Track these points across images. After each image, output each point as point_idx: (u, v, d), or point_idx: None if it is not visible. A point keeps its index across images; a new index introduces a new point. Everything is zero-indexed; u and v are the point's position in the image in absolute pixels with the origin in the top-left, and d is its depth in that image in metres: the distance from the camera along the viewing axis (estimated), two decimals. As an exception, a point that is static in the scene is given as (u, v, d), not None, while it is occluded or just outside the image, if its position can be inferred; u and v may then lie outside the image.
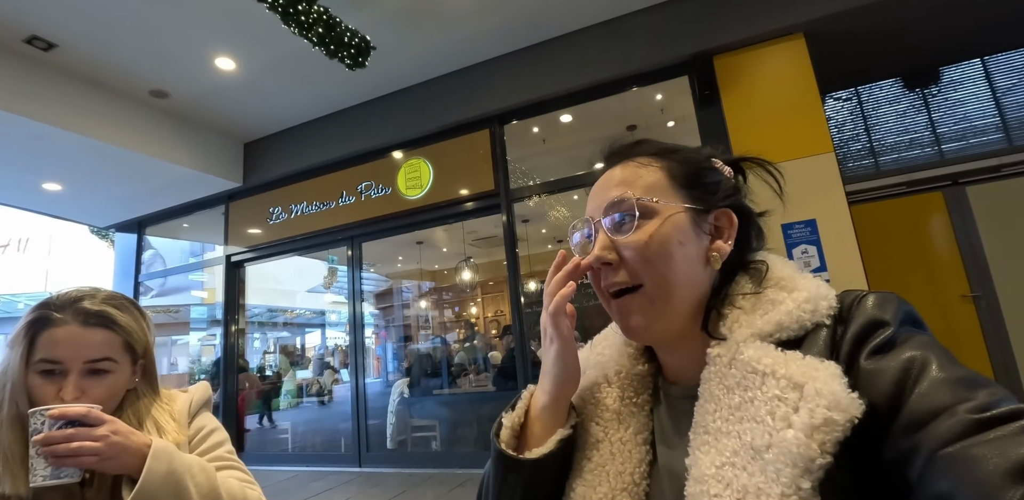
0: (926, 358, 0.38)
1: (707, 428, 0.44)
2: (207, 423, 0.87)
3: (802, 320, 0.44)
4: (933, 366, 0.38)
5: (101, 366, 0.74)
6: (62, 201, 5.33)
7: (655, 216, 0.50)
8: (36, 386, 0.71)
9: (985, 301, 3.78)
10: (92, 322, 0.74)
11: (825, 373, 0.38)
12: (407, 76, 4.33)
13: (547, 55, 3.97)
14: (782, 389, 0.39)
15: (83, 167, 4.53)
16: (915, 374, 0.38)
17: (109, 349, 0.75)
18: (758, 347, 0.44)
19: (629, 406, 0.55)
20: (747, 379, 0.42)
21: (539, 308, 2.74)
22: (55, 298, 0.76)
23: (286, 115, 4.81)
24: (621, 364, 0.58)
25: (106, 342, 0.75)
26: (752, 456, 0.39)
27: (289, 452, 5.25)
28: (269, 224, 5.19)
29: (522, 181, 4.30)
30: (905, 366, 0.38)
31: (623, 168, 0.55)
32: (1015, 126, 3.92)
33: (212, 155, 4.92)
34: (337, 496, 3.65)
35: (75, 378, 0.71)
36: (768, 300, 0.48)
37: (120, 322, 0.77)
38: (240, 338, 5.38)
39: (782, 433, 0.37)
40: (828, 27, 3.27)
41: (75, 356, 0.72)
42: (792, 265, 0.52)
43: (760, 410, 0.40)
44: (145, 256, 6.05)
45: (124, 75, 3.98)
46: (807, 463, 0.35)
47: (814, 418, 0.36)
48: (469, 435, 4.77)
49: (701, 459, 0.43)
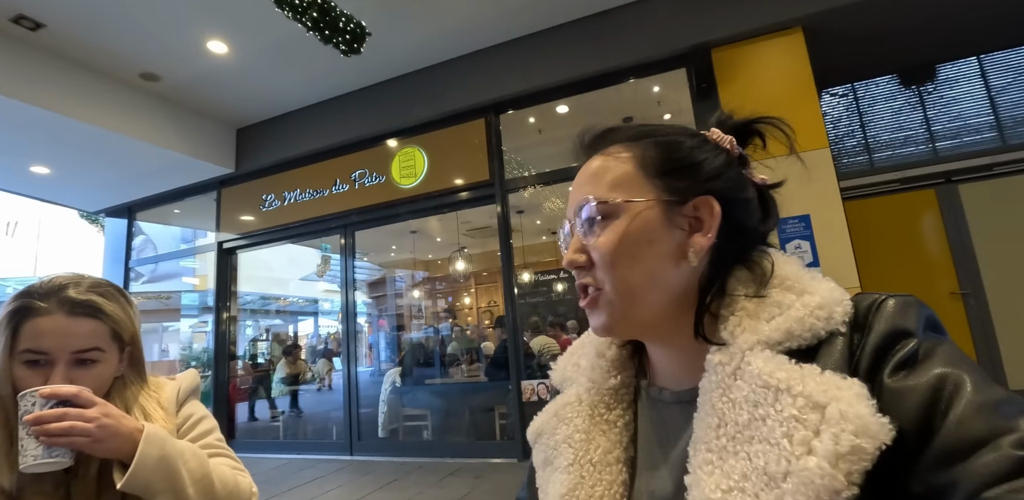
0: (959, 378, 0.35)
1: (710, 446, 0.40)
2: (195, 411, 0.86)
3: (815, 329, 0.40)
4: (967, 387, 0.34)
5: (89, 356, 0.72)
6: (51, 185, 5.26)
7: (622, 215, 0.47)
8: (21, 377, 0.69)
9: (973, 298, 3.83)
10: (78, 312, 0.72)
11: (850, 393, 0.34)
12: (403, 63, 4.28)
13: (544, 44, 3.93)
14: (799, 409, 0.35)
15: (72, 150, 4.46)
16: (948, 396, 0.34)
17: (96, 339, 0.73)
18: (768, 358, 0.39)
19: (600, 424, 0.53)
20: (757, 394, 0.38)
21: (532, 299, 2.79)
22: (38, 286, 0.73)
23: (279, 101, 4.75)
24: (593, 379, 0.55)
25: (93, 332, 0.73)
26: (766, 483, 0.35)
27: (280, 440, 5.27)
28: (262, 211, 5.15)
29: (517, 172, 4.29)
30: (936, 385, 0.35)
31: (595, 161, 0.51)
32: (1009, 125, 3.94)
33: (204, 140, 4.85)
34: (328, 484, 3.67)
35: (62, 369, 0.70)
36: (774, 302, 0.43)
37: (107, 311, 0.75)
38: (232, 325, 5.37)
39: (802, 460, 0.33)
40: (827, 22, 3.27)
41: (62, 347, 0.70)
42: (797, 262, 0.47)
43: (775, 431, 0.36)
44: (136, 242, 5.99)
45: (114, 57, 3.90)
46: (831, 495, 0.32)
47: (839, 445, 0.32)
48: (461, 425, 4.80)
49: (704, 481, 0.39)
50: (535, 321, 4.96)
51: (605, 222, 0.47)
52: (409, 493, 3.27)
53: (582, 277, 0.50)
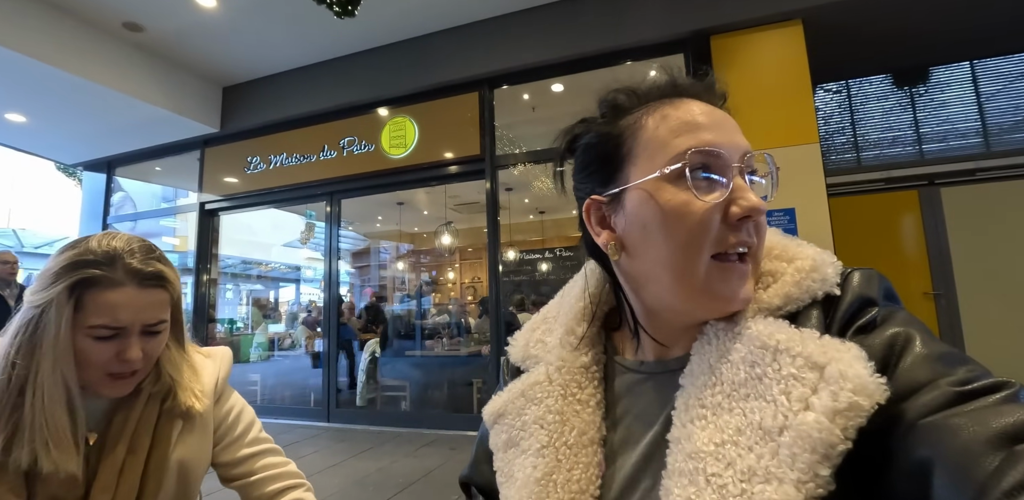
0: (909, 334, 0.38)
1: (704, 402, 0.41)
2: (234, 403, 0.88)
3: (812, 290, 0.42)
4: (916, 342, 0.38)
5: (158, 328, 0.71)
6: (26, 134, 5.06)
7: None
8: (87, 349, 0.66)
9: (945, 299, 3.96)
10: (149, 284, 0.69)
11: (848, 355, 0.35)
12: (398, 30, 4.15)
13: (544, 20, 3.84)
14: (798, 368, 0.36)
15: (50, 99, 4.28)
16: (899, 350, 0.38)
17: (164, 310, 0.72)
18: (768, 323, 0.41)
19: (573, 404, 0.51)
20: (755, 354, 0.39)
21: (516, 277, 2.80)
22: (92, 252, 0.67)
23: (269, 60, 4.59)
24: (563, 358, 0.53)
25: (163, 303, 0.71)
26: (761, 437, 0.36)
27: (258, 403, 5.31)
28: (246, 173, 5.04)
29: (508, 148, 4.25)
30: (890, 342, 0.38)
31: (732, 118, 0.48)
32: (995, 132, 4.01)
33: (188, 96, 4.69)
34: (304, 449, 3.73)
35: (136, 339, 0.68)
36: (766, 272, 0.45)
37: (171, 279, 0.72)
38: (212, 288, 5.32)
39: (801, 415, 0.35)
40: (827, 16, 3.25)
41: (136, 320, 0.68)
42: (777, 231, 0.49)
43: (771, 389, 0.37)
44: (115, 198, 5.84)
45: (96, 3, 3.70)
46: (827, 449, 0.33)
47: (838, 402, 0.33)
48: (439, 397, 4.89)
49: (697, 434, 0.40)
50: (519, 298, 5.02)
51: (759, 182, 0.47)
52: (384, 461, 3.34)
53: (751, 233, 0.44)
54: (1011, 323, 3.76)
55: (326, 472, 3.17)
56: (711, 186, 0.43)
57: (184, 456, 0.77)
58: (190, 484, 0.78)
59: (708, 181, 0.43)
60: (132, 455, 0.71)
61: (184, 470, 0.77)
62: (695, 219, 0.42)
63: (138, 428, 0.72)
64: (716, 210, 0.42)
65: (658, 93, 0.49)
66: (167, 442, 0.74)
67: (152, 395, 0.75)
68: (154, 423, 0.74)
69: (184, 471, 0.77)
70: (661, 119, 0.46)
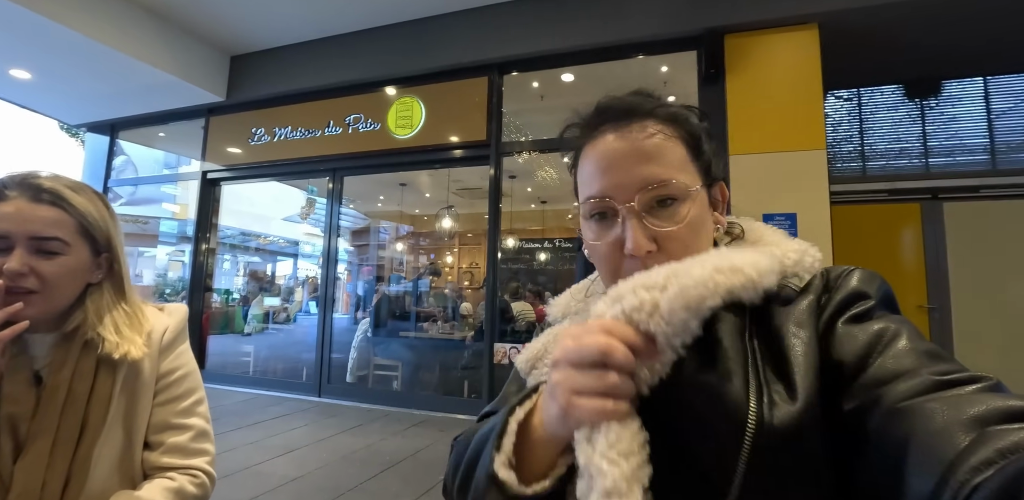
0: (898, 330, 0.41)
1: None
2: (181, 364, 0.82)
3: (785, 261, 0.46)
4: (904, 337, 0.40)
5: (50, 246, 0.70)
6: (31, 91, 5.00)
7: (687, 199, 0.47)
8: None
9: (939, 313, 3.98)
10: (42, 198, 0.70)
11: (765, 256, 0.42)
12: (411, 8, 4.09)
13: (559, 8, 3.79)
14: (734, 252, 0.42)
15: (55, 57, 4.23)
16: (886, 341, 0.40)
17: (59, 229, 0.71)
18: None
19: None
20: None
21: (515, 265, 2.78)
22: (10, 176, 0.71)
23: (278, 32, 4.53)
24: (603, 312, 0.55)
25: (56, 221, 0.71)
26: None
27: (250, 375, 5.37)
28: (250, 144, 5.02)
29: (515, 136, 4.23)
30: (879, 333, 0.41)
31: (644, 135, 0.47)
32: (1002, 150, 3.99)
33: (195, 63, 4.64)
34: (294, 421, 3.79)
35: (21, 251, 0.68)
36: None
37: (73, 202, 0.72)
38: (210, 257, 5.33)
39: None
40: (844, 22, 3.22)
41: (20, 230, 0.68)
42: (766, 225, 0.53)
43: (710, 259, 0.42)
44: (117, 161, 5.81)
45: (108, -39, 3.64)
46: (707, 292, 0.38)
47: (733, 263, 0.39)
48: (430, 379, 4.96)
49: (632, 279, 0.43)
50: (515, 286, 5.04)
51: (674, 206, 0.46)
52: (372, 439, 3.39)
53: (649, 263, 0.45)
54: (1002, 341, 3.81)
55: (314, 446, 3.22)
56: (608, 226, 0.48)
57: (126, 406, 0.75)
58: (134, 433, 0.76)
59: (602, 224, 0.49)
60: (72, 396, 0.70)
61: (128, 421, 0.75)
62: (600, 252, 0.49)
63: (77, 371, 0.71)
64: (615, 246, 0.47)
65: (596, 121, 0.52)
66: (106, 387, 0.73)
67: (88, 342, 0.73)
68: (94, 368, 0.72)
69: (128, 422, 0.75)
70: (584, 160, 0.51)
